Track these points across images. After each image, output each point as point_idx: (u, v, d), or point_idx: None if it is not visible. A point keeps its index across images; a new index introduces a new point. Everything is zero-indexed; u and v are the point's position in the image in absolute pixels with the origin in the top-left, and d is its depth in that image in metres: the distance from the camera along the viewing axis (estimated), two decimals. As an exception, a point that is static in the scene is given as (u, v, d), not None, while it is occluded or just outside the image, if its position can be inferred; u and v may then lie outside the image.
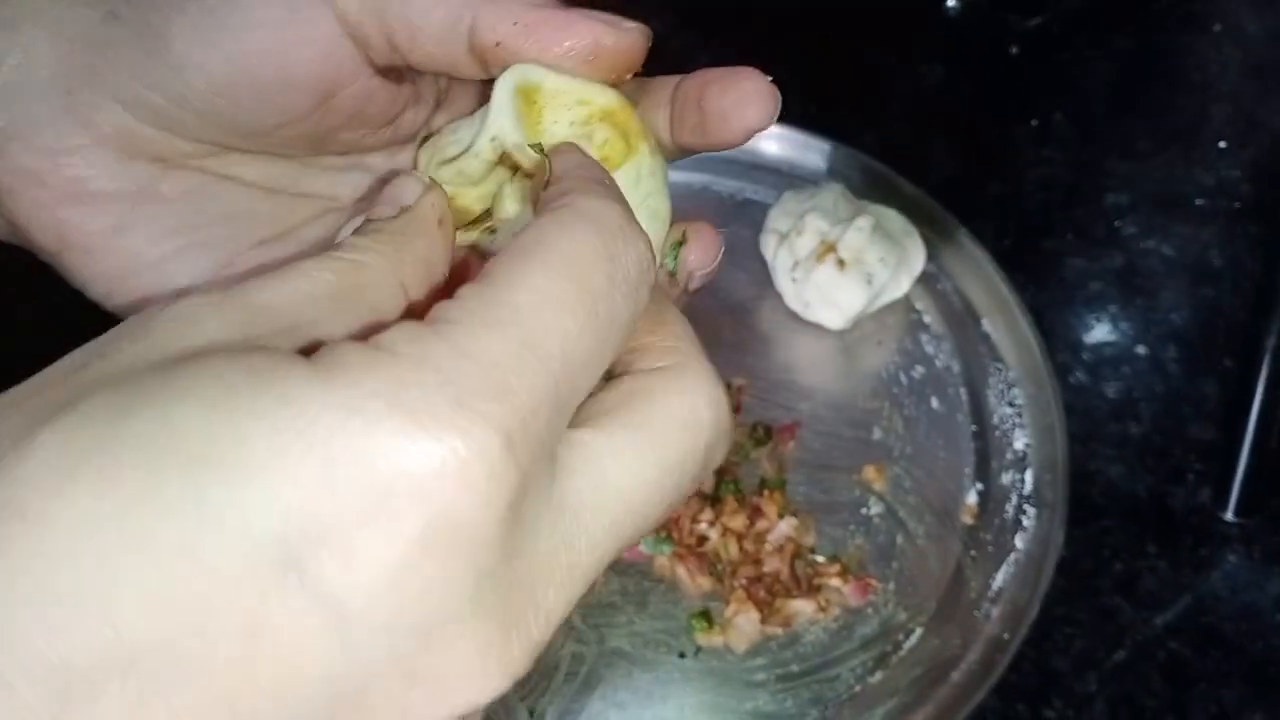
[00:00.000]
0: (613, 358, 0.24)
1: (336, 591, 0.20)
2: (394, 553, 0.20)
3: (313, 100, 0.31)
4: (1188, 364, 0.69)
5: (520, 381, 0.21)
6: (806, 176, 0.73)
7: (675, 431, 0.25)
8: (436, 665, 0.21)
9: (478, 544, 0.20)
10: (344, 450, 0.20)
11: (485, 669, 0.21)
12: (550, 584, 0.22)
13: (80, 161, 0.31)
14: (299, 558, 0.19)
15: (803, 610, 0.59)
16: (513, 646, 0.22)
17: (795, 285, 0.67)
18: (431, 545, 0.20)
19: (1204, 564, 0.62)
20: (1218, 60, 0.81)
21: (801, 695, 0.58)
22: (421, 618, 0.20)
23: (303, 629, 0.20)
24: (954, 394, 0.66)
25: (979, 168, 0.77)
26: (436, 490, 0.20)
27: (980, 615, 0.59)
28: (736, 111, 0.30)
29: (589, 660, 0.59)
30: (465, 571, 0.20)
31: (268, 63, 0.30)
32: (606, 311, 0.23)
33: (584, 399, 0.23)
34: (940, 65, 0.82)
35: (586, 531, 0.23)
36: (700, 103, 0.31)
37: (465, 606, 0.21)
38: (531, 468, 0.21)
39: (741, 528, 0.61)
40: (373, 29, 0.30)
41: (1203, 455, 0.65)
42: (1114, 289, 0.72)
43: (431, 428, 0.20)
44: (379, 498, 0.20)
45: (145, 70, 0.30)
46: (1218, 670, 0.59)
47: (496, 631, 0.21)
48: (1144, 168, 0.77)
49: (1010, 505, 0.62)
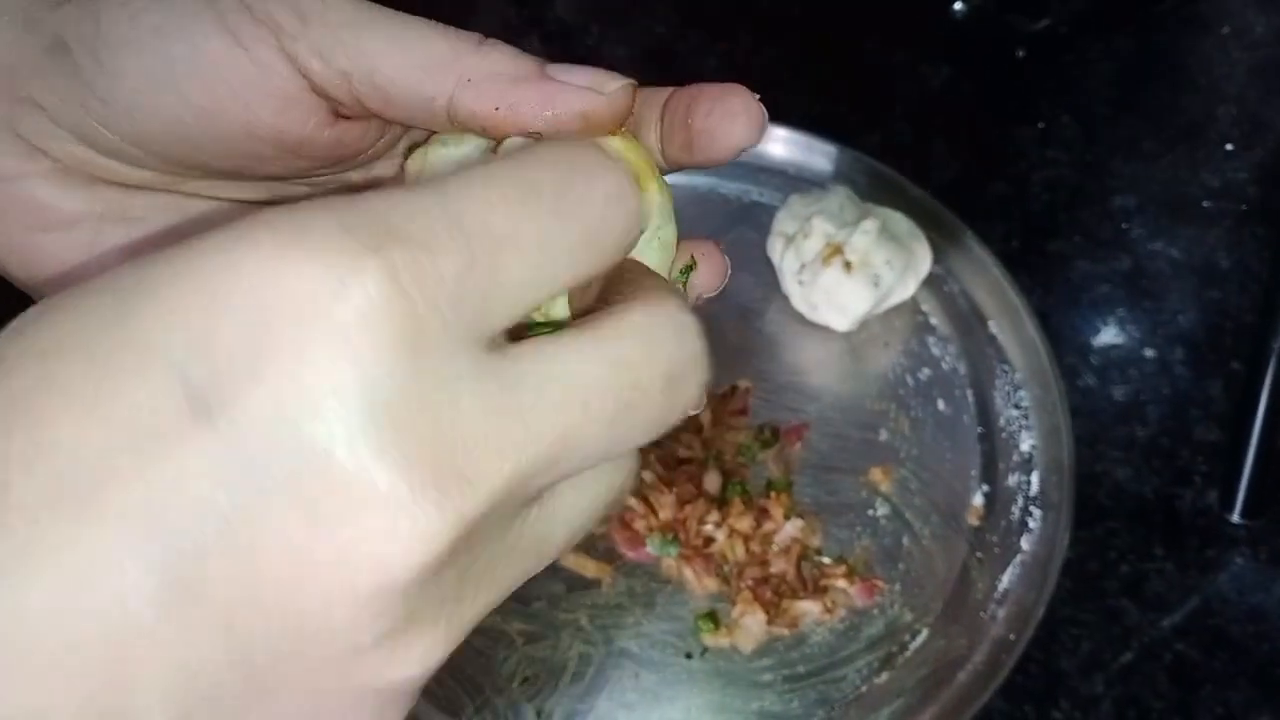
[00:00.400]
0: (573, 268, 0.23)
1: (216, 399, 0.19)
2: (272, 358, 0.19)
3: (277, 149, 0.30)
4: (1194, 366, 0.69)
5: (425, 224, 0.21)
6: (812, 179, 0.73)
7: (631, 339, 0.23)
8: (335, 507, 0.19)
9: (372, 370, 0.19)
10: (221, 267, 0.20)
11: (390, 515, 0.19)
12: (479, 450, 0.20)
13: (41, 185, 0.30)
14: (181, 365, 0.19)
15: (809, 611, 0.59)
16: (428, 507, 0.19)
17: (802, 288, 0.67)
18: (311, 367, 0.19)
19: (1211, 566, 0.62)
20: (1224, 62, 0.81)
21: (808, 696, 0.58)
22: (309, 430, 0.19)
23: (196, 451, 0.19)
24: (960, 396, 0.67)
25: (984, 170, 0.77)
26: (316, 306, 0.19)
27: (986, 616, 0.59)
28: (723, 129, 0.30)
29: (596, 661, 0.59)
30: (361, 397, 0.19)
31: (228, 114, 0.29)
32: (556, 200, 0.22)
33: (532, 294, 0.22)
34: (946, 67, 0.82)
35: (527, 415, 0.21)
36: (688, 120, 0.30)
37: (360, 442, 0.19)
38: (428, 308, 0.20)
39: (748, 529, 0.61)
40: (339, 89, 0.29)
41: (1209, 457, 0.65)
42: (1120, 291, 0.72)
43: (315, 251, 0.20)
44: (262, 320, 0.19)
45: (95, 108, 0.29)
46: (1224, 672, 0.59)
47: (404, 482, 0.19)
48: (1150, 170, 0.77)
49: (1016, 507, 0.62)
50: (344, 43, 0.28)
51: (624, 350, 0.23)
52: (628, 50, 0.84)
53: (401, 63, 0.28)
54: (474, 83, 0.28)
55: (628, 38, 0.84)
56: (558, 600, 0.60)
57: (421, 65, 0.28)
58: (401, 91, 0.29)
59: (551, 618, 0.60)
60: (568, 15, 0.86)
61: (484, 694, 0.58)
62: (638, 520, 0.61)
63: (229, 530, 0.19)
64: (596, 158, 0.24)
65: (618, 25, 0.85)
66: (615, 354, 0.23)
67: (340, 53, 0.28)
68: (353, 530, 0.19)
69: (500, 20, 0.85)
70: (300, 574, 0.19)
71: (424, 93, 0.28)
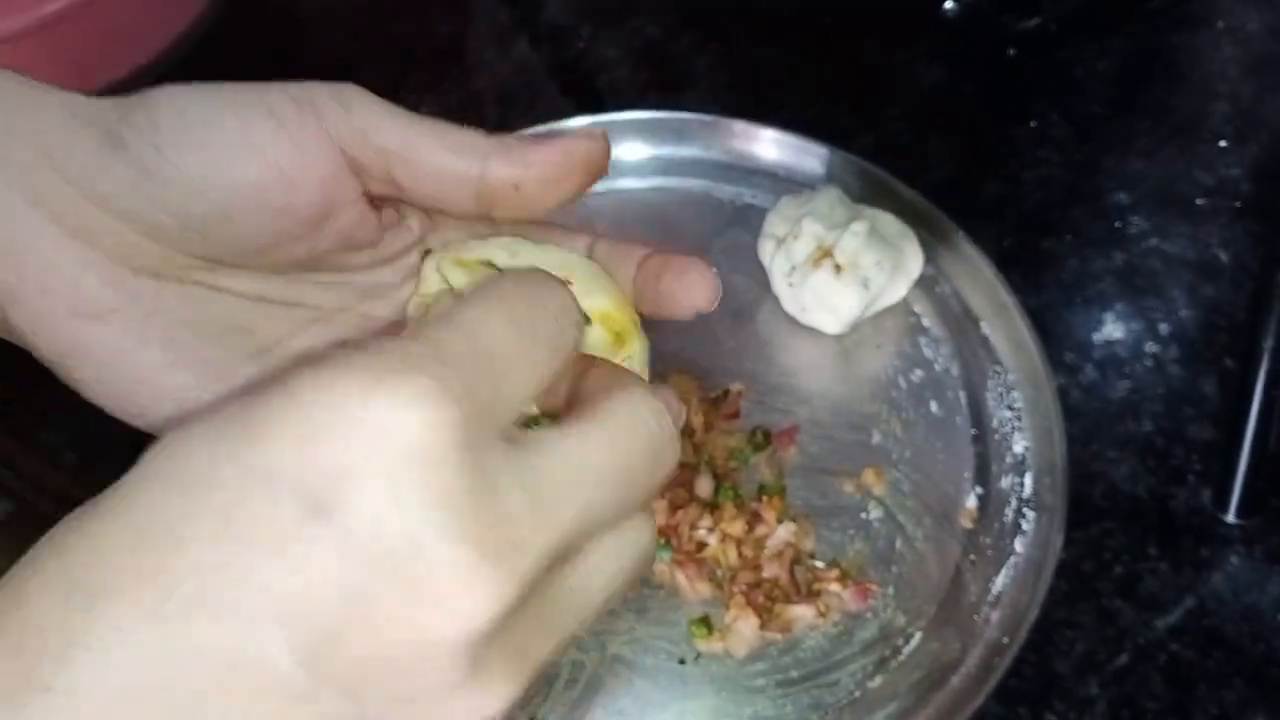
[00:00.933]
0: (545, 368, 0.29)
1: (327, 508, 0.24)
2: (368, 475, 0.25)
3: (309, 226, 0.35)
4: (1189, 364, 0.69)
5: (455, 351, 0.27)
6: (804, 181, 0.73)
7: (623, 427, 0.29)
8: (426, 578, 0.25)
9: (440, 469, 0.25)
10: (318, 403, 0.25)
11: (466, 582, 0.25)
12: (523, 523, 0.26)
13: (79, 273, 0.34)
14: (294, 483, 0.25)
15: (802, 615, 0.59)
16: (491, 566, 0.25)
17: (792, 290, 0.67)
18: (398, 467, 0.25)
19: (1205, 566, 0.62)
20: (1217, 58, 0.81)
21: (801, 700, 0.58)
22: (401, 528, 0.24)
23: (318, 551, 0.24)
24: (953, 397, 0.66)
25: (977, 169, 0.77)
26: (393, 424, 0.25)
27: (980, 619, 0.59)
28: (684, 294, 0.37)
29: (589, 667, 0.59)
30: (432, 491, 0.25)
31: (272, 190, 0.33)
32: (529, 323, 0.29)
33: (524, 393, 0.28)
34: (938, 66, 0.82)
35: (549, 494, 0.27)
36: (657, 283, 0.38)
37: (437, 522, 0.25)
38: (475, 418, 0.26)
39: (740, 533, 0.61)
40: (375, 165, 0.34)
41: (1203, 456, 0.65)
42: (1114, 289, 0.72)
43: (386, 380, 0.25)
44: (349, 433, 0.25)
45: (150, 191, 0.33)
46: (1220, 672, 0.59)
47: (472, 549, 0.25)
48: (1143, 167, 0.76)
49: (1010, 509, 0.62)
50: (382, 128, 0.34)
51: (615, 434, 0.29)
52: (619, 52, 0.83)
53: (436, 144, 0.34)
54: (499, 153, 0.34)
55: (620, 39, 0.84)
56: (550, 606, 0.60)
57: (452, 147, 0.34)
58: (438, 168, 0.34)
59: (544, 624, 0.59)
60: (559, 16, 0.86)
61: (477, 701, 0.58)
62: (630, 525, 0.61)
63: (348, 609, 0.25)
64: (546, 280, 0.30)
65: (610, 26, 0.85)
66: (610, 439, 0.29)
67: (378, 134, 0.34)
68: (439, 596, 0.25)
69: (491, 22, 0.84)
70: (403, 636, 0.25)
71: (460, 168, 0.34)
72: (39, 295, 0.34)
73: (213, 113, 0.33)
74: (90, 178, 0.33)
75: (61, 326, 0.34)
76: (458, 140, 0.34)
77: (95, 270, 0.34)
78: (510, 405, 0.28)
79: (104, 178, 0.33)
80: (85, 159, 0.33)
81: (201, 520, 0.25)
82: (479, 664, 0.25)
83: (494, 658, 0.26)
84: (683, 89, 0.81)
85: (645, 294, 0.38)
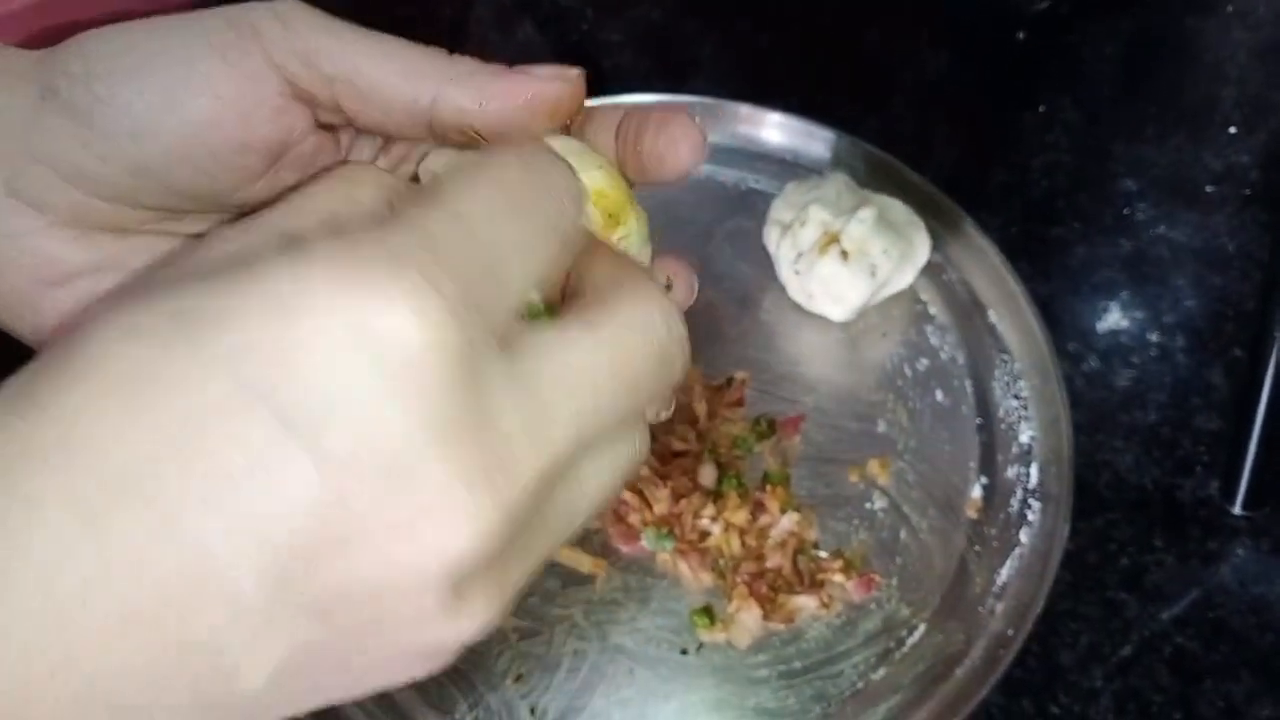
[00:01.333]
0: (546, 256, 0.26)
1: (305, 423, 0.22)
2: (352, 387, 0.22)
3: (269, 160, 0.32)
4: (1196, 353, 0.68)
5: (446, 241, 0.24)
6: (810, 166, 0.72)
7: (627, 328, 0.27)
8: (410, 506, 0.23)
9: (428, 381, 0.23)
10: (298, 305, 0.23)
11: (452, 511, 0.23)
12: (517, 445, 0.24)
13: (40, 241, 0.32)
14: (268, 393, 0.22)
15: (805, 606, 0.59)
16: (480, 494, 0.23)
17: (799, 277, 0.66)
18: (385, 379, 0.22)
19: (1212, 557, 0.62)
20: (1227, 44, 0.80)
21: (804, 692, 0.57)
22: (386, 448, 0.22)
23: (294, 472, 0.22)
24: (959, 386, 0.66)
25: (985, 155, 0.76)
26: (379, 330, 0.22)
27: (985, 610, 0.59)
28: (670, 153, 0.34)
29: (590, 657, 0.58)
30: (421, 407, 0.23)
31: (224, 128, 0.31)
32: (529, 204, 0.26)
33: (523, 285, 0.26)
34: (945, 51, 0.81)
35: (548, 406, 0.25)
36: (637, 145, 0.34)
37: (425, 443, 0.23)
38: (470, 320, 0.23)
39: (744, 523, 0.61)
40: (322, 94, 0.31)
41: (1210, 446, 0.65)
42: (1122, 277, 0.71)
43: (369, 276, 0.23)
44: (331, 340, 0.22)
45: (96, 144, 0.30)
46: (1226, 664, 0.59)
47: (460, 476, 0.23)
48: (1152, 154, 0.76)
49: (1015, 499, 0.62)
50: (326, 50, 0.31)
51: (621, 338, 0.26)
52: (623, 36, 0.83)
53: (383, 69, 0.31)
54: (455, 81, 0.31)
55: (623, 23, 0.83)
56: (552, 596, 0.59)
57: (401, 72, 0.31)
58: (384, 95, 0.31)
59: (545, 614, 0.59)
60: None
61: (477, 691, 0.57)
62: (632, 514, 0.61)
63: (323, 534, 0.23)
64: (544, 153, 0.28)
65: (613, 10, 0.84)
66: (615, 343, 0.26)
67: (323, 59, 0.31)
68: (423, 526, 0.23)
69: (494, 5, 0.83)
70: (383, 562, 0.23)
71: (406, 96, 0.31)
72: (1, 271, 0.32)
73: (151, 51, 0.30)
74: (30, 136, 0.31)
75: (31, 299, 0.32)
76: (409, 63, 0.31)
77: (54, 234, 0.32)
78: (508, 302, 0.25)
79: (43, 135, 0.31)
80: (23, 116, 0.31)
81: (160, 429, 0.22)
82: (459, 593, 0.24)
83: (473, 584, 0.24)
84: (686, 74, 0.81)
85: (627, 161, 0.35)
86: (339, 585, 0.23)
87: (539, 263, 0.26)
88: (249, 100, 0.31)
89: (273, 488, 0.22)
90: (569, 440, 0.25)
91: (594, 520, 0.60)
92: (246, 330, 0.22)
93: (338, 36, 0.31)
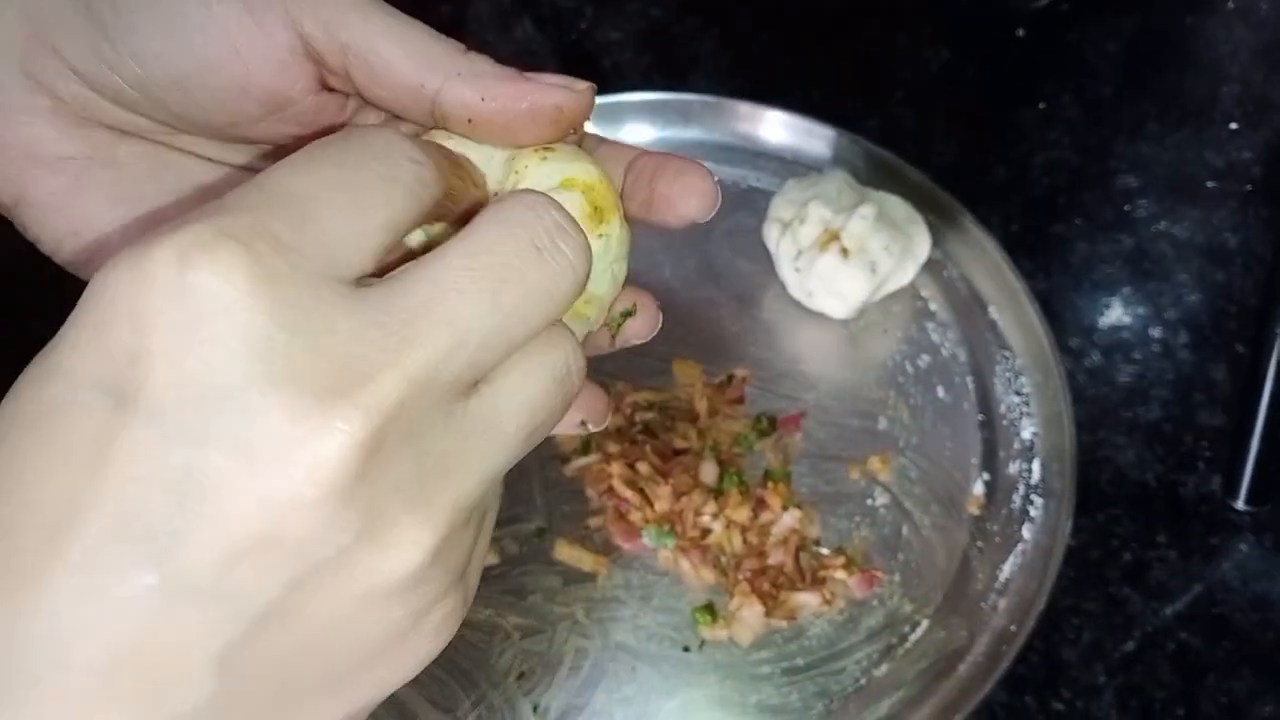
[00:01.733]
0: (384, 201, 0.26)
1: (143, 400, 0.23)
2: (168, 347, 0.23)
3: (265, 109, 0.33)
4: (1198, 349, 0.68)
5: (244, 202, 0.24)
6: (810, 164, 0.72)
7: (485, 224, 0.27)
8: (262, 436, 0.22)
9: (244, 317, 0.23)
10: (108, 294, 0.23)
11: (310, 429, 0.23)
12: (365, 360, 0.24)
13: (40, 123, 0.33)
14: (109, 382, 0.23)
15: (808, 603, 0.59)
16: (329, 417, 0.23)
17: (799, 274, 0.66)
18: (192, 328, 0.23)
19: (1214, 553, 0.62)
20: (1228, 40, 0.80)
21: (807, 688, 0.57)
22: (219, 392, 0.22)
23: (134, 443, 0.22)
24: (960, 383, 0.66)
25: (985, 152, 0.76)
26: (175, 282, 0.23)
27: (987, 607, 0.59)
28: (681, 199, 0.34)
29: (593, 655, 0.58)
30: (242, 341, 0.23)
31: (227, 70, 0.32)
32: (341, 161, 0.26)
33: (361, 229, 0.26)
34: (945, 49, 0.81)
35: (402, 317, 0.24)
36: (651, 183, 0.34)
37: (259, 379, 0.23)
38: (271, 256, 0.23)
39: (745, 520, 0.60)
40: (334, 59, 0.32)
41: (1213, 442, 0.65)
42: (1123, 274, 0.71)
43: (160, 239, 0.23)
44: (138, 311, 0.23)
45: (106, 54, 0.32)
46: (1228, 661, 0.59)
47: (308, 395, 0.23)
48: (1153, 150, 0.76)
49: (1017, 495, 0.62)
50: (349, 23, 0.31)
51: (478, 236, 0.26)
52: (622, 34, 0.82)
53: (399, 50, 0.32)
54: (463, 76, 0.32)
55: (622, 21, 0.83)
56: (553, 594, 0.59)
57: (413, 57, 0.32)
58: (393, 75, 0.32)
59: (547, 611, 0.59)
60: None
61: (479, 689, 0.57)
62: (634, 512, 0.61)
63: (189, 497, 0.22)
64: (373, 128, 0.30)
65: (613, 8, 0.84)
66: (471, 242, 0.26)
67: (343, 28, 0.31)
68: (281, 453, 0.22)
69: (493, 2, 0.83)
70: (261, 504, 0.22)
71: (415, 81, 0.32)
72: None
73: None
74: (53, 27, 0.32)
75: (16, 171, 0.34)
76: (422, 49, 0.32)
77: (58, 121, 0.33)
78: (340, 246, 0.25)
79: (64, 30, 0.32)
80: (58, 17, 0.32)
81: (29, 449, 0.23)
82: (369, 514, 0.23)
83: (385, 502, 0.24)
84: (686, 72, 0.80)
85: (636, 195, 0.34)
86: (229, 551, 0.23)
87: (378, 208, 0.26)
88: (258, 50, 0.31)
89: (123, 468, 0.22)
90: (442, 340, 0.25)
91: (596, 519, 0.60)
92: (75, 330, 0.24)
93: (362, 10, 0.32)
